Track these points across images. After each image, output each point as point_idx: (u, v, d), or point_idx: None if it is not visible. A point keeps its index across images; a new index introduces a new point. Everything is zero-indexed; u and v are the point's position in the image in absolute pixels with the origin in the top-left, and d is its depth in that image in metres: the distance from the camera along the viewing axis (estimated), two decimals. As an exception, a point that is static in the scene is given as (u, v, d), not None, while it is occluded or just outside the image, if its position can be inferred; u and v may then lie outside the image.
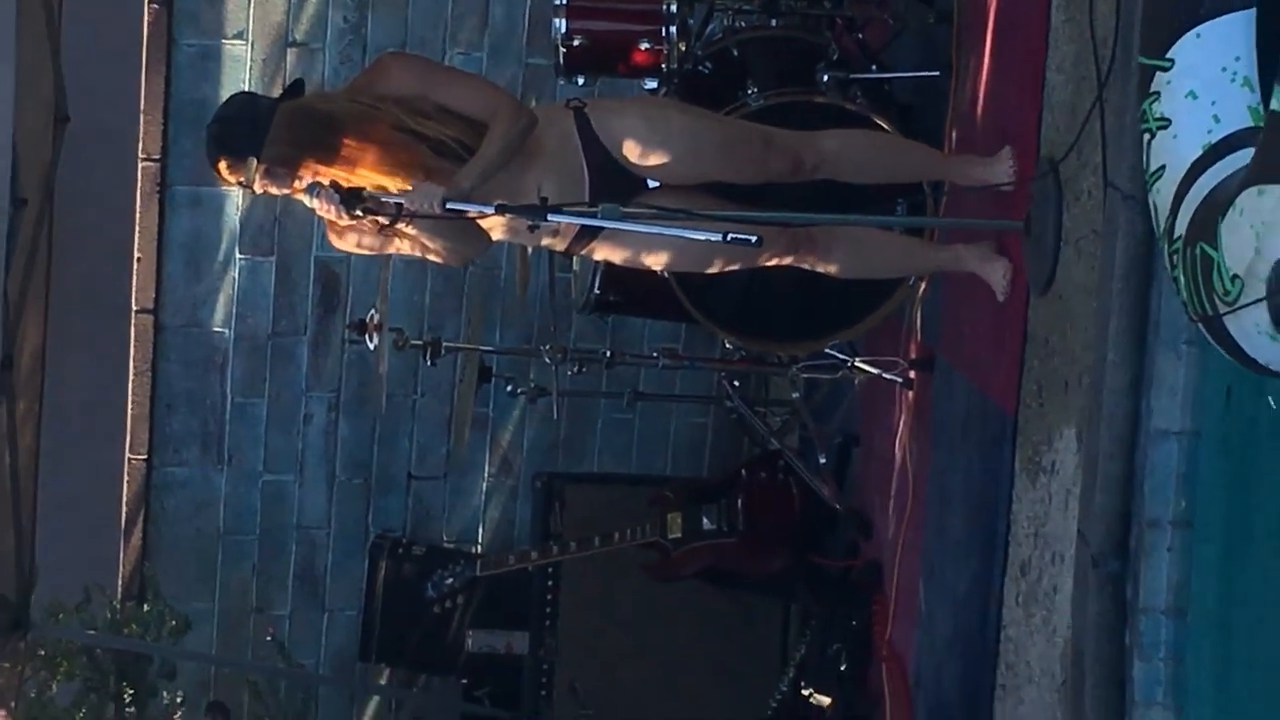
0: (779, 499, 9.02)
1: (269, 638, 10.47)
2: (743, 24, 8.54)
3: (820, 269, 7.39)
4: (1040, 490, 6.80)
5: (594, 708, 9.33)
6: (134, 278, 10.30)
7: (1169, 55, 5.17)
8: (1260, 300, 4.59)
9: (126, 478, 10.53)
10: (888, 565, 8.39)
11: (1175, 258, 5.01)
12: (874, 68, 8.34)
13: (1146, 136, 5.21)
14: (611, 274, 8.30)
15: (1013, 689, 7.00)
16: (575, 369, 9.23)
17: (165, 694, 9.68)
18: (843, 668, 8.50)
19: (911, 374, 8.18)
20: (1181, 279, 4.99)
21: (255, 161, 6.72)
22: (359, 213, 6.62)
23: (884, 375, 8.35)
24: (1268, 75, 4.86)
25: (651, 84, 8.39)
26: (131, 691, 9.54)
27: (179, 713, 9.58)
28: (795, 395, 9.22)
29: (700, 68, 8.24)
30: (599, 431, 10.45)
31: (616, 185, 6.94)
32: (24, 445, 7.37)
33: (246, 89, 10.06)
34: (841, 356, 8.48)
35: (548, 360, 9.06)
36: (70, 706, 9.40)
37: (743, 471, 9.18)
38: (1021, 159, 7.13)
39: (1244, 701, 5.81)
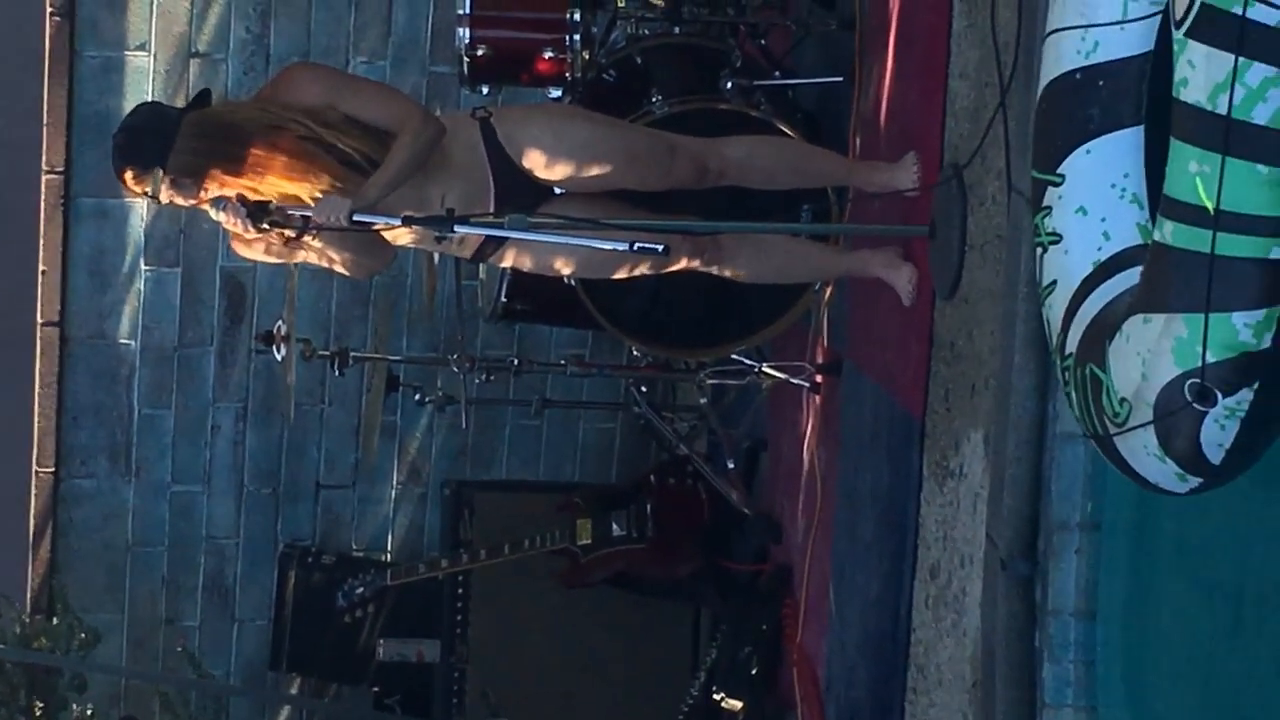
0: (688, 504, 9.04)
1: (179, 649, 10.46)
2: (646, 32, 8.54)
3: (726, 274, 7.41)
4: (949, 494, 6.84)
5: (506, 715, 9.35)
6: (39, 290, 10.28)
7: (1060, 170, 5.23)
8: (1148, 424, 4.71)
9: (34, 490, 10.50)
10: (797, 569, 8.42)
11: (1067, 374, 5.14)
12: (777, 74, 8.37)
13: (1039, 250, 5.32)
14: (518, 282, 8.33)
15: (923, 691, 7.03)
16: (483, 377, 9.23)
17: (75, 707, 9.68)
18: (754, 672, 8.53)
19: (818, 378, 8.21)
20: (1073, 396, 5.11)
21: (161, 172, 6.72)
22: (265, 226, 6.62)
23: (791, 380, 8.38)
24: (1156, 192, 4.90)
25: (556, 93, 8.41)
26: (41, 705, 9.53)
27: (89, 724, 9.57)
28: (703, 401, 9.25)
29: (604, 76, 8.26)
30: (507, 439, 10.47)
31: (523, 194, 6.97)
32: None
33: (151, 100, 10.03)
34: (749, 362, 8.52)
35: (455, 369, 9.06)
36: (-18, 717, 9.39)
37: (651, 477, 9.22)
38: (925, 164, 7.16)
39: (1154, 701, 5.86)
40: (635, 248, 6.47)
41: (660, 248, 6.50)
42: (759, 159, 7.43)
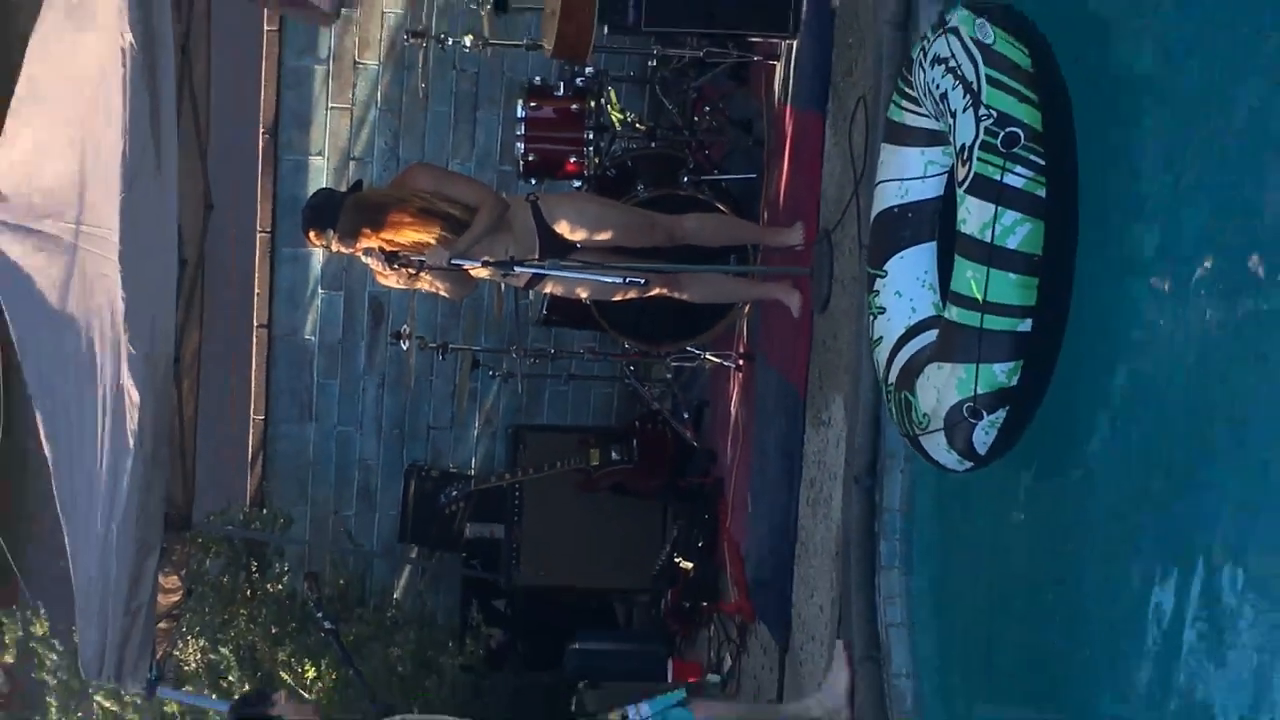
0: (659, 440, 9.02)
1: (342, 529, 10.47)
2: (634, 145, 8.60)
3: (684, 298, 7.43)
4: (822, 435, 6.85)
5: (545, 571, 9.34)
6: (254, 306, 10.28)
7: (885, 267, 5.44)
8: (940, 429, 4.89)
9: (251, 430, 10.50)
10: (728, 482, 8.43)
11: (889, 398, 5.32)
12: (716, 172, 8.38)
13: (871, 317, 5.49)
14: (554, 302, 8.33)
15: (804, 558, 7.03)
16: (531, 360, 9.26)
17: (276, 566, 9.68)
18: (699, 545, 8.52)
19: (741, 363, 8.21)
20: (893, 411, 5.27)
21: (332, 232, 6.76)
22: (396, 266, 6.64)
23: (723, 363, 8.39)
24: (943, 283, 5.05)
25: (578, 183, 8.40)
26: (255, 564, 9.53)
27: (286, 577, 9.57)
28: (668, 376, 9.28)
29: (608, 172, 8.26)
30: (546, 399, 10.45)
31: (557, 248, 6.97)
32: (187, 414, 7.35)
33: (325, 187, 10.00)
34: (697, 351, 8.51)
35: (514, 355, 9.08)
36: (218, 575, 9.38)
37: (636, 423, 9.17)
38: (807, 229, 7.16)
39: (951, 564, 5.86)
40: (626, 280, 6.54)
41: (642, 280, 6.57)
42: (705, 227, 7.48)
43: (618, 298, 7.38)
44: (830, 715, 6.26)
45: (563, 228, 7.07)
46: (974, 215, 4.62)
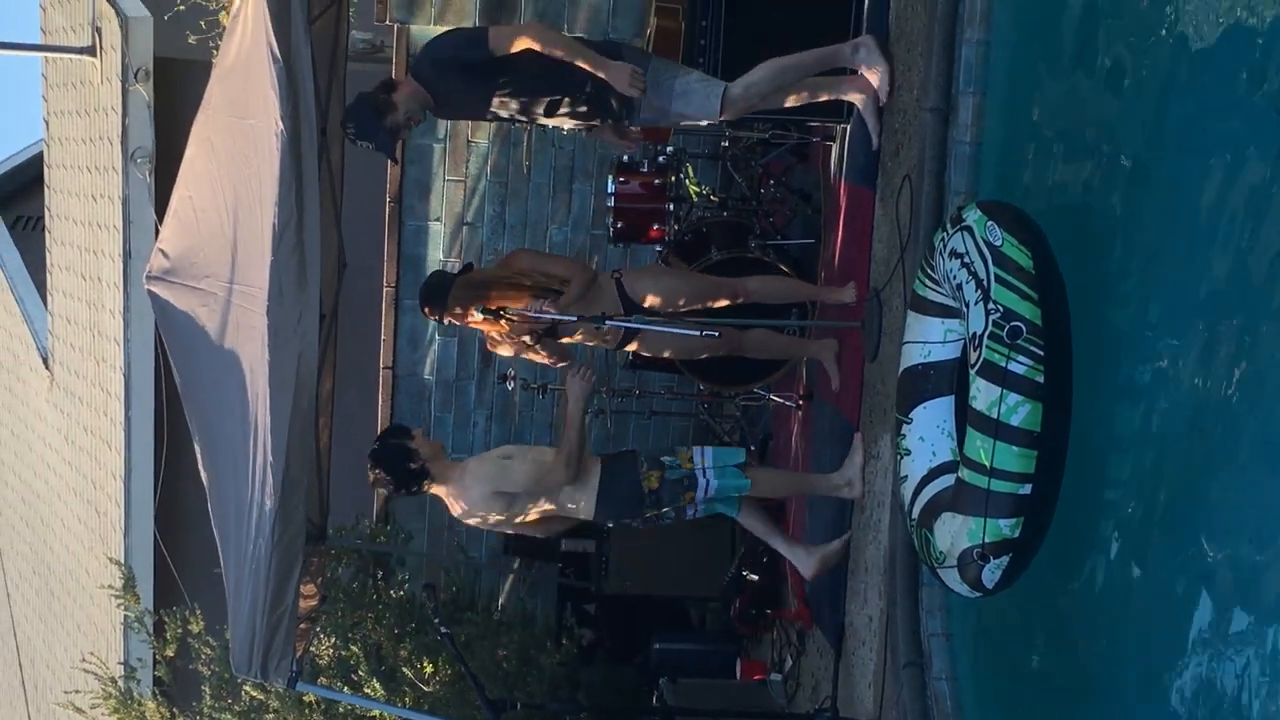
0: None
1: (455, 542, 10.48)
2: (708, 214, 8.60)
3: (750, 354, 7.44)
4: (871, 466, 6.82)
5: (630, 580, 9.32)
6: (381, 348, 10.34)
7: (910, 414, 5.56)
8: (955, 566, 5.04)
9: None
10: (789, 504, 8.40)
11: (912, 531, 5.44)
12: (779, 237, 8.38)
13: (898, 457, 5.58)
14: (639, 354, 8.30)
15: (856, 574, 7.01)
16: (619, 399, 9.27)
17: (398, 574, 9.71)
18: (764, 559, 8.50)
19: (801, 402, 8.18)
20: (915, 542, 5.40)
21: (443, 310, 6.75)
22: (499, 317, 6.70)
23: (785, 402, 8.36)
24: (960, 434, 5.19)
25: (659, 247, 8.42)
26: (380, 572, 9.56)
27: (406, 584, 9.59)
28: (737, 413, 9.27)
29: (685, 237, 8.30)
30: (631, 432, 10.41)
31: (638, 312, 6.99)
32: (322, 444, 7.38)
33: (439, 270, 10.04)
34: (762, 392, 8.49)
35: (604, 394, 9.10)
36: (349, 582, 9.42)
37: (709, 453, 9.18)
38: (859, 288, 7.14)
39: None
40: (702, 334, 6.51)
41: (716, 333, 6.55)
42: (767, 287, 7.44)
43: (702, 356, 7.42)
44: (848, 484, 6.88)
45: (644, 298, 7.08)
46: (983, 394, 4.83)
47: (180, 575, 11.02)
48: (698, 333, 6.59)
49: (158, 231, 7.66)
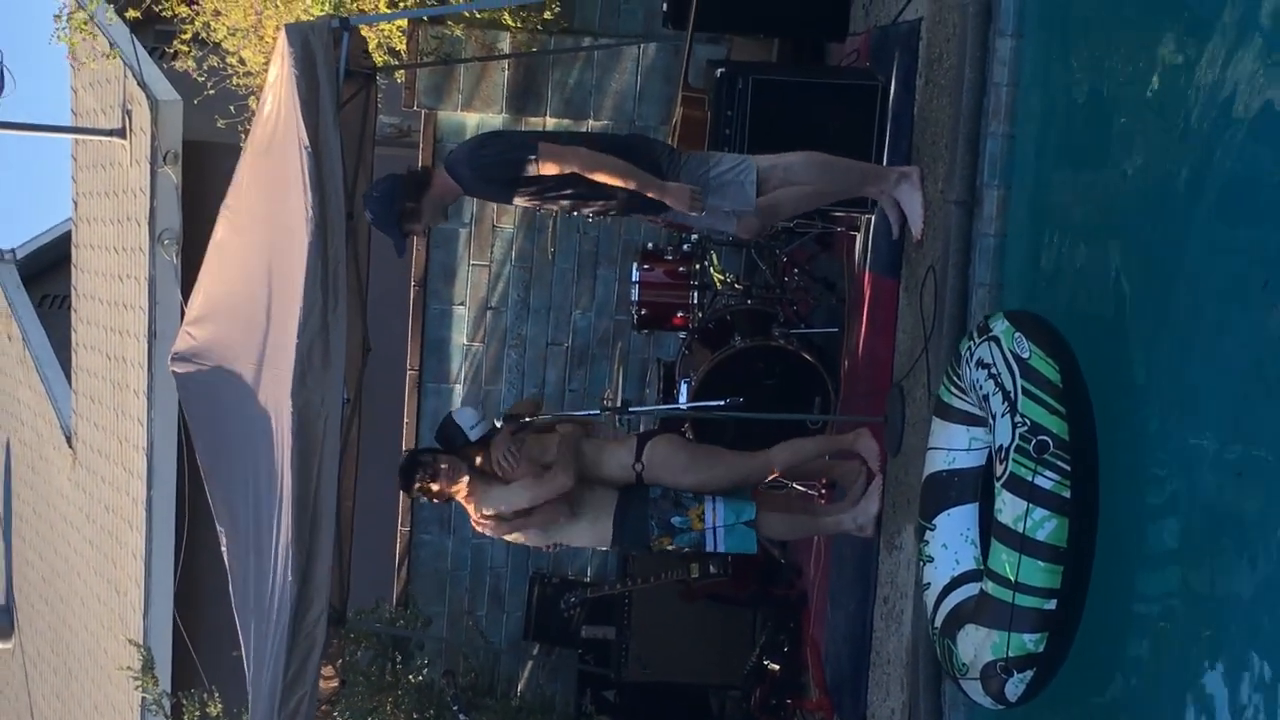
0: (751, 557, 8.95)
1: (474, 627, 10.47)
2: (732, 301, 8.57)
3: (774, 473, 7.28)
4: (894, 558, 6.80)
5: (650, 667, 9.29)
6: (403, 432, 10.35)
7: (934, 521, 5.55)
8: (978, 679, 4.98)
9: (398, 540, 10.55)
10: (810, 594, 8.36)
11: (934, 639, 5.39)
12: (803, 326, 8.36)
13: (921, 564, 5.53)
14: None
15: (878, 665, 6.97)
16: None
17: (417, 659, 9.66)
18: (785, 648, 8.46)
19: (824, 493, 8.13)
20: (938, 651, 5.34)
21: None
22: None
23: (808, 492, 8.30)
24: (984, 542, 5.16)
25: (683, 334, 8.41)
26: (399, 656, 9.53)
27: (425, 669, 9.55)
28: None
29: (708, 325, 8.28)
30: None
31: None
32: (344, 525, 7.38)
33: (464, 341, 10.05)
34: (785, 481, 8.39)
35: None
36: (368, 665, 9.38)
37: (731, 541, 9.17)
38: (878, 380, 7.12)
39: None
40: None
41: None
42: (792, 453, 7.07)
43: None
44: (859, 529, 6.92)
45: (659, 478, 6.88)
46: (1009, 508, 4.79)
47: (199, 657, 11.00)
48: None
49: (183, 312, 7.72)
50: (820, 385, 7.92)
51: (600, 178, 6.24)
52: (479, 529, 6.98)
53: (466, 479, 6.77)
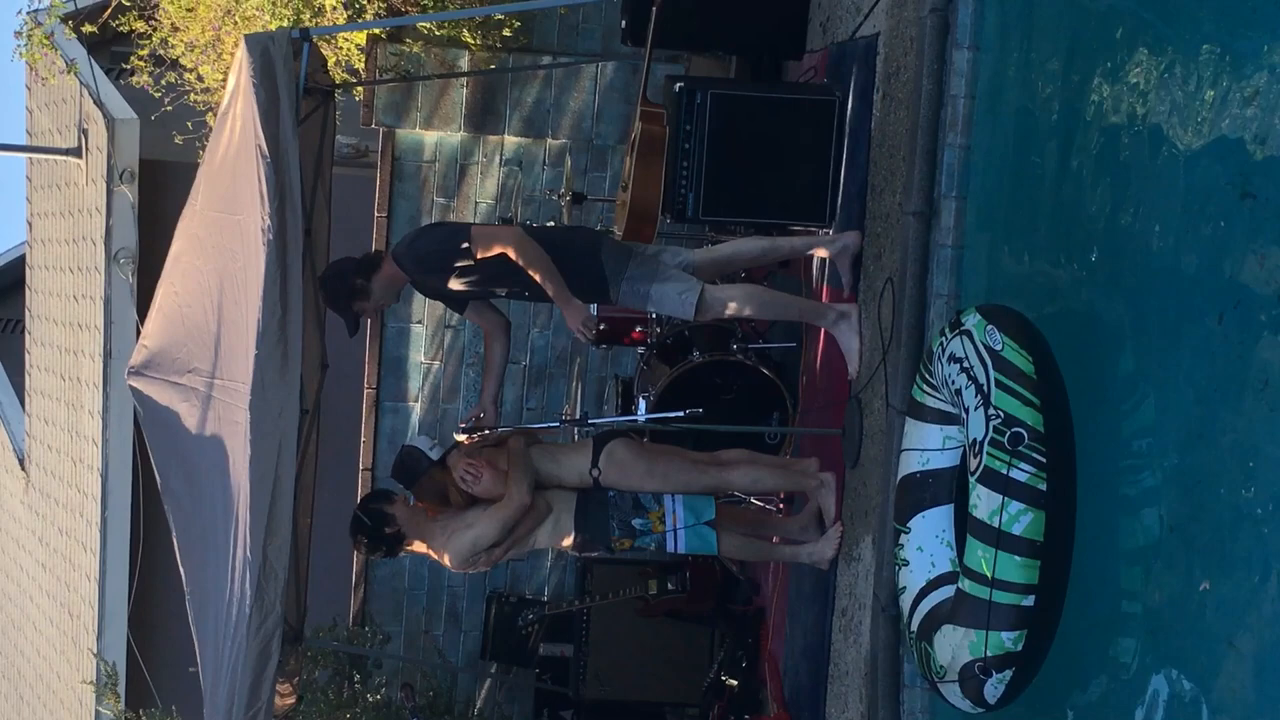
0: (708, 573, 8.97)
1: (432, 646, 10.42)
2: (689, 320, 8.57)
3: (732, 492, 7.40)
4: (853, 569, 6.80)
5: (608, 685, 9.27)
6: (361, 451, 10.32)
7: (908, 524, 5.45)
8: (955, 681, 4.89)
9: (355, 557, 10.49)
10: (769, 609, 8.36)
11: (910, 644, 5.31)
12: (761, 341, 8.38)
13: (897, 567, 5.45)
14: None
15: (836, 678, 6.96)
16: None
17: (376, 677, 9.64)
18: (743, 664, 8.45)
19: (782, 506, 8.16)
20: (915, 655, 5.26)
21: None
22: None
23: (766, 506, 8.33)
24: (959, 543, 5.10)
25: (641, 350, 8.41)
26: (357, 675, 9.49)
27: (384, 688, 9.52)
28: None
29: (667, 340, 8.28)
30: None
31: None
32: (301, 545, 7.34)
33: (421, 359, 10.01)
34: (742, 495, 8.42)
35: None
36: (325, 683, 9.35)
37: (689, 557, 9.14)
38: (837, 394, 7.14)
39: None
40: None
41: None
42: (755, 482, 7.18)
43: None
44: (814, 564, 7.03)
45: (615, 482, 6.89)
46: (984, 502, 4.71)
47: (153, 678, 10.92)
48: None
49: (139, 331, 7.68)
50: (779, 400, 7.93)
51: (523, 264, 6.52)
52: (457, 570, 6.94)
53: (423, 530, 6.76)
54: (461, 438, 6.89)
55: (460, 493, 6.74)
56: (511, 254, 6.54)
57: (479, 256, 6.58)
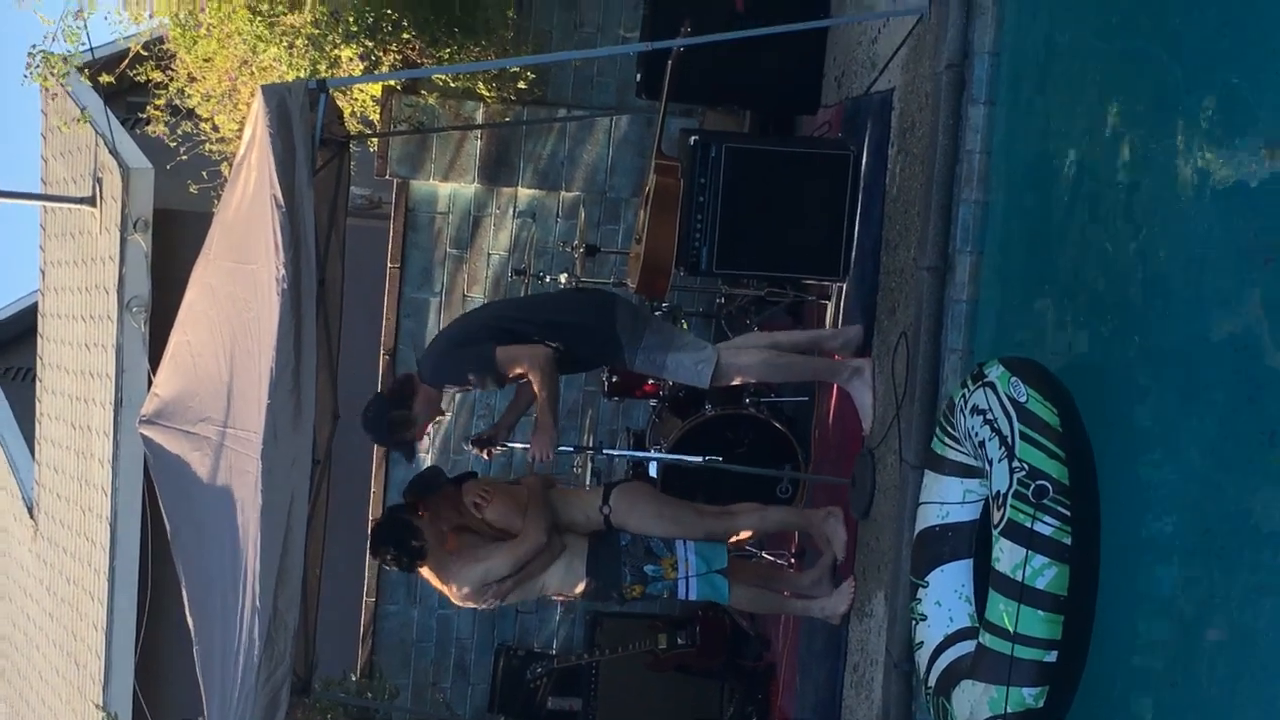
0: (718, 627, 8.95)
1: (440, 698, 10.36)
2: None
3: (741, 535, 7.29)
4: (865, 625, 6.77)
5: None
6: (370, 502, 10.29)
7: (926, 578, 5.38)
8: None
9: (364, 610, 10.45)
10: (780, 665, 8.33)
11: (927, 699, 5.23)
12: (773, 395, 8.36)
13: (913, 622, 5.39)
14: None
15: (849, 734, 6.92)
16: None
17: (381, 731, 9.60)
18: (754, 718, 8.42)
19: (794, 560, 8.13)
20: (932, 713, 5.18)
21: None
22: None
23: (777, 560, 8.30)
24: (980, 598, 5.06)
25: (653, 402, 8.40)
26: (362, 739, 9.46)
27: (391, 741, 9.49)
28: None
29: (679, 393, 8.28)
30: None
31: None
32: (311, 591, 7.31)
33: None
34: (753, 549, 8.40)
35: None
36: (333, 736, 9.31)
37: (699, 611, 9.12)
38: (850, 445, 7.13)
39: None
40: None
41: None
42: (764, 523, 7.19)
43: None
44: (826, 619, 7.01)
45: (624, 524, 6.94)
46: (1007, 555, 4.64)
47: (156, 724, 10.88)
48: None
49: (150, 380, 7.67)
50: (791, 454, 7.91)
51: (536, 384, 6.63)
52: (462, 605, 6.93)
53: (437, 556, 6.76)
54: (472, 448, 6.96)
55: (470, 516, 6.74)
56: (532, 377, 6.63)
57: (501, 374, 6.74)
